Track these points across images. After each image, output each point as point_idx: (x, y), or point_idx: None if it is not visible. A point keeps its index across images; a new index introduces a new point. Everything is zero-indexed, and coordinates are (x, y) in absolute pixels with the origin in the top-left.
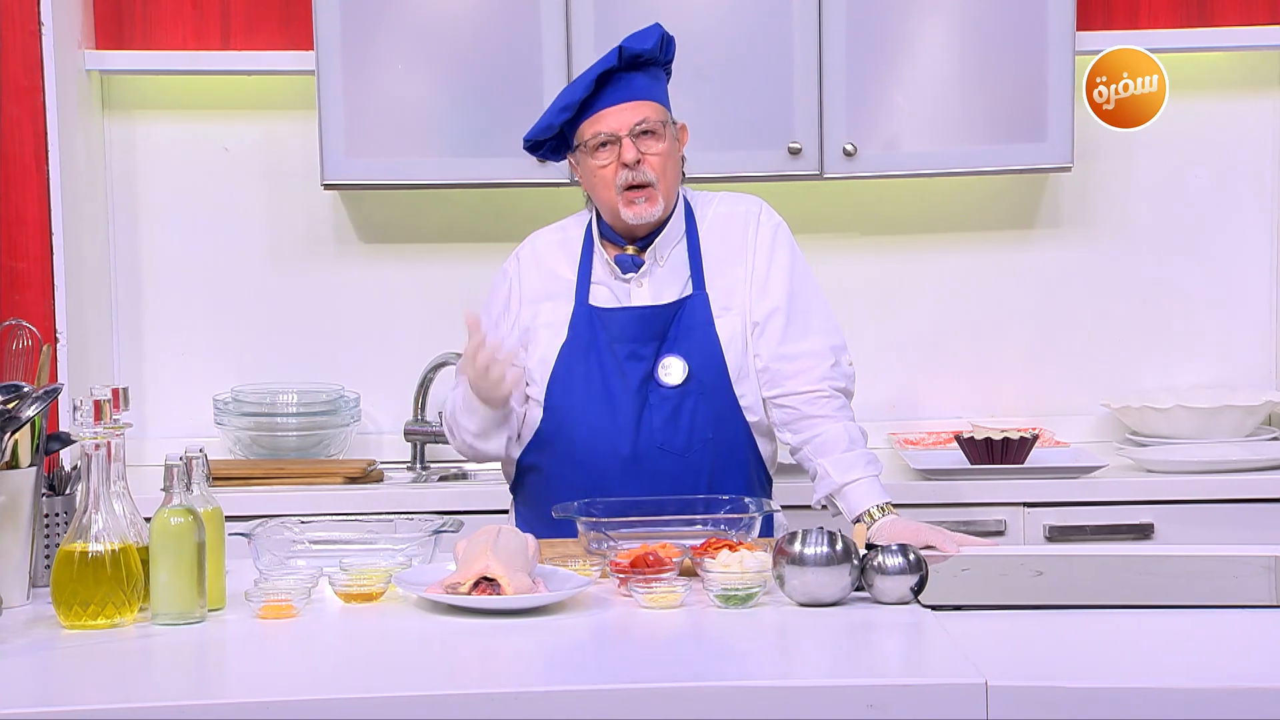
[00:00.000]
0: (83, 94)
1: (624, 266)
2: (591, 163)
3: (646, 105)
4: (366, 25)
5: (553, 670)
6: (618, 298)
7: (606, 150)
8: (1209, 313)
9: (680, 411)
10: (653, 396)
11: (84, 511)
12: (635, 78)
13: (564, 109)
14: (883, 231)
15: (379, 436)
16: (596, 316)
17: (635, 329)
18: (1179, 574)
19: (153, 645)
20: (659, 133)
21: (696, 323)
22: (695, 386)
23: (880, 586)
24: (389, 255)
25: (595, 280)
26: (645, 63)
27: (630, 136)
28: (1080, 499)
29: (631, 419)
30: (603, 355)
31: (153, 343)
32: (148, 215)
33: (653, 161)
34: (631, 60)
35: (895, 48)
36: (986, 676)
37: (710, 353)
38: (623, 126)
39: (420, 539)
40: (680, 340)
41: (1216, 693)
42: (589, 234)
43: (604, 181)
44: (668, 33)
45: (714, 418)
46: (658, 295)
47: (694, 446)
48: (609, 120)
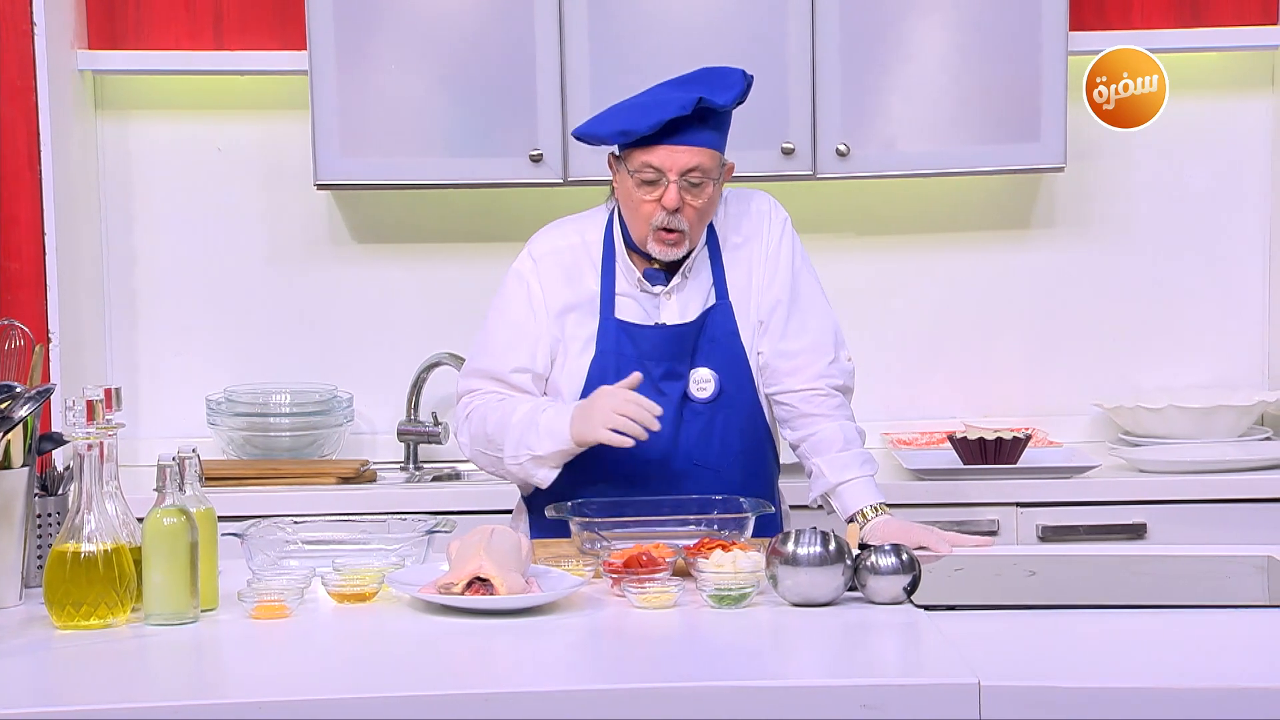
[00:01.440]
0: (76, 94)
1: (651, 279)
2: (631, 186)
3: (704, 153)
4: (360, 25)
5: (546, 670)
6: (646, 311)
7: (651, 187)
8: (1202, 313)
9: (713, 426)
10: (686, 412)
11: (77, 512)
12: (705, 123)
13: (623, 134)
14: (876, 232)
15: (372, 437)
16: (624, 331)
17: (671, 347)
18: (1172, 574)
19: (146, 646)
20: (706, 183)
21: (721, 333)
22: (725, 400)
23: (873, 586)
24: (382, 255)
25: (620, 292)
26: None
27: (678, 182)
28: (1073, 499)
29: (669, 436)
30: (633, 372)
31: (146, 343)
32: (141, 215)
33: (690, 214)
34: (705, 110)
35: (889, 48)
36: (979, 676)
37: (738, 363)
38: (673, 169)
39: (413, 539)
40: (708, 352)
41: (1209, 692)
42: (609, 238)
43: (639, 213)
44: (749, 77)
45: (742, 429)
46: (685, 307)
47: (726, 459)
48: (661, 156)
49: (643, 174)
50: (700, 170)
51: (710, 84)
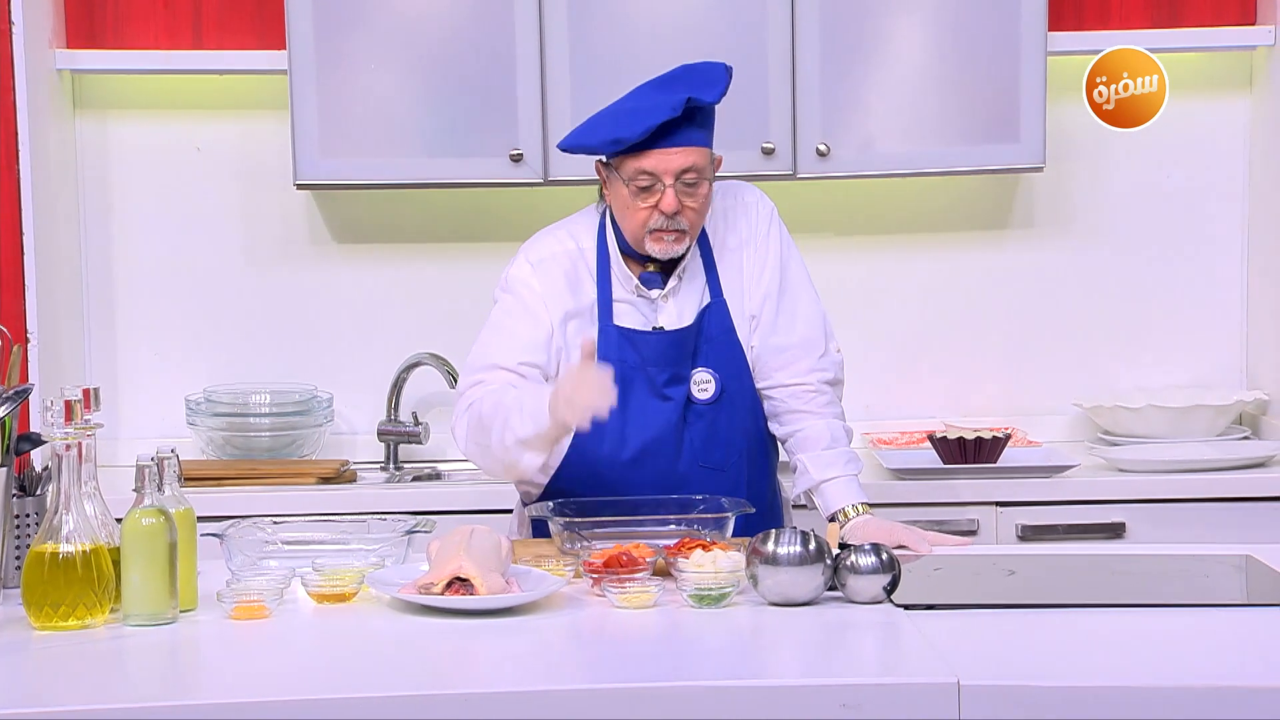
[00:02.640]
0: (54, 93)
1: (648, 283)
2: (625, 193)
3: (696, 152)
4: (339, 24)
5: (526, 670)
6: (645, 317)
7: (647, 193)
8: (1181, 313)
9: (717, 426)
10: (690, 414)
11: (55, 512)
12: (693, 121)
13: (613, 143)
14: (856, 232)
15: (352, 437)
16: (625, 338)
17: (673, 352)
18: (1151, 573)
19: (124, 646)
20: (701, 182)
21: (718, 332)
22: (727, 400)
23: (853, 586)
24: (362, 255)
25: (617, 299)
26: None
27: (674, 185)
28: (1052, 498)
29: (674, 439)
30: (636, 378)
31: (124, 343)
32: (120, 215)
33: (689, 214)
34: (695, 109)
35: (869, 48)
36: (959, 675)
37: (736, 362)
38: (669, 172)
39: (393, 539)
40: (707, 352)
41: (1188, 691)
42: (603, 246)
43: (637, 219)
44: (730, 68)
45: (744, 428)
46: (682, 310)
47: (733, 458)
48: (655, 161)
49: (638, 181)
50: (695, 170)
51: (694, 82)
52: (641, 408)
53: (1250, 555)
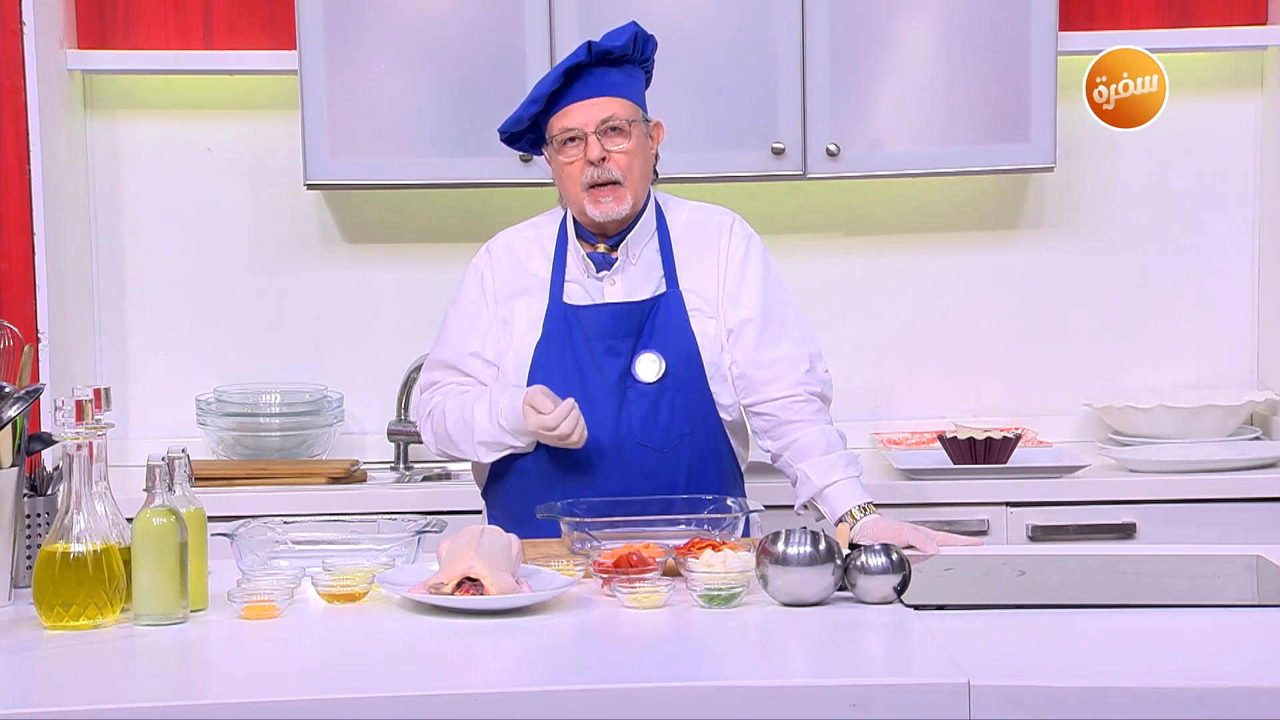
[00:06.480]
0: (65, 94)
1: (597, 264)
2: (560, 159)
3: (615, 102)
4: (350, 25)
5: (536, 670)
6: (591, 295)
7: (573, 146)
8: (1191, 312)
9: (659, 407)
10: (631, 393)
11: (66, 512)
12: (608, 74)
13: (533, 101)
14: (866, 232)
15: (362, 437)
16: (571, 313)
17: (611, 325)
18: (1161, 573)
19: (135, 646)
20: (626, 130)
21: (672, 320)
22: (672, 383)
23: (863, 586)
24: (372, 255)
25: (569, 278)
26: (619, 59)
27: (596, 133)
28: (1063, 499)
29: (611, 414)
30: (579, 352)
31: (135, 343)
32: (130, 215)
33: (618, 160)
34: (603, 56)
35: (879, 48)
36: (969, 676)
37: (687, 350)
38: (589, 123)
39: (403, 539)
40: (656, 337)
41: (1199, 692)
42: (563, 231)
43: (571, 177)
44: (644, 31)
45: (690, 414)
46: (630, 293)
47: (672, 442)
48: (576, 115)
49: (564, 138)
50: (616, 117)
51: (603, 37)
52: (580, 380)
53: (1261, 556)
